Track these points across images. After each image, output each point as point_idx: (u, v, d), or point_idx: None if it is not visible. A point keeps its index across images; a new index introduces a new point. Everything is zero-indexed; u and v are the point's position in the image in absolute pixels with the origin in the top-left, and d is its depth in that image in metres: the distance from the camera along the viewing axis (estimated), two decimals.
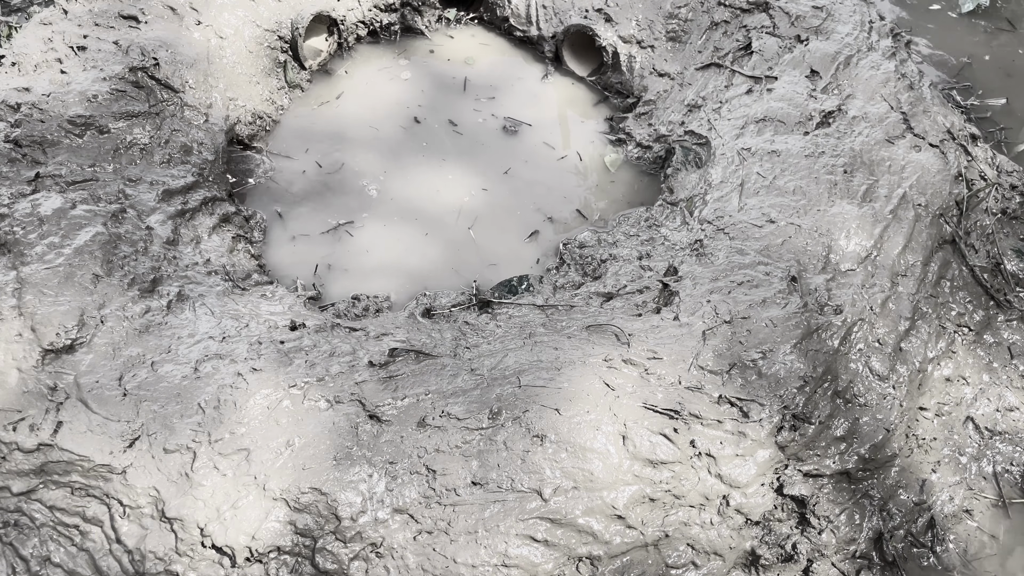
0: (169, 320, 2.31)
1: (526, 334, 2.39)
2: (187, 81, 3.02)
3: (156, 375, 2.15)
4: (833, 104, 2.96)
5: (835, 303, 2.41)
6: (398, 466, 2.02)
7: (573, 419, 2.10)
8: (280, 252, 2.96)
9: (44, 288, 2.24)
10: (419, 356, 2.29)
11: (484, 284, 2.86)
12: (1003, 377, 2.63)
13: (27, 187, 2.49)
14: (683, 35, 3.50)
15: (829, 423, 2.28)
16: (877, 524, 2.31)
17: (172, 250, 2.56)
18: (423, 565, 1.94)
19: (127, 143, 2.76)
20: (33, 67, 2.83)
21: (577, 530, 2.01)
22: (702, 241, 2.64)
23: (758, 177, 2.78)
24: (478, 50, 3.75)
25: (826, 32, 3.25)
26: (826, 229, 2.57)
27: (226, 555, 1.94)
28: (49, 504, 2.00)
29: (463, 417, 2.10)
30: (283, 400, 2.12)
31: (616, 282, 2.63)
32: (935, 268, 2.64)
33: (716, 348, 2.28)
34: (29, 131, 2.61)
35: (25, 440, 2.01)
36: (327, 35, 3.59)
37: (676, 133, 3.21)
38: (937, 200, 2.73)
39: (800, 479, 2.23)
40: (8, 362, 2.11)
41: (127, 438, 2.03)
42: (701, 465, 2.12)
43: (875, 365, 2.38)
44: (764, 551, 2.18)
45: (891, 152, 2.80)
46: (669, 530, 2.09)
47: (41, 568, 1.97)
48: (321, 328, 2.39)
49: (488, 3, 3.80)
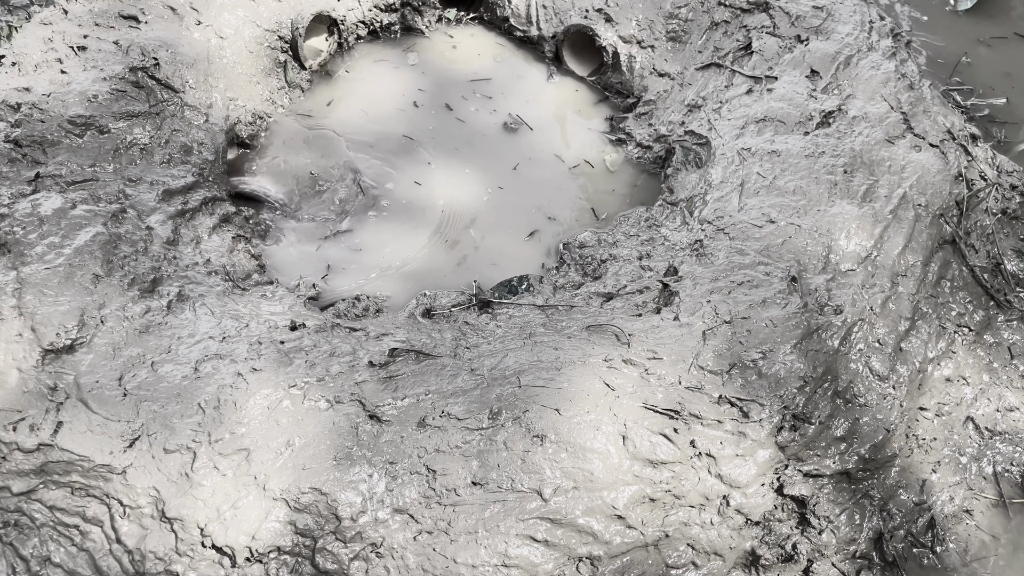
0: (169, 320, 2.31)
1: (526, 334, 2.39)
2: (187, 81, 3.02)
3: (156, 375, 2.15)
4: (833, 104, 2.96)
5: (835, 303, 2.41)
6: (398, 466, 2.02)
7: (573, 419, 2.10)
8: (280, 252, 2.96)
9: (44, 288, 2.24)
10: (419, 356, 2.29)
11: (484, 284, 2.86)
12: (1003, 377, 2.63)
13: (27, 187, 2.49)
14: (683, 35, 3.50)
15: (829, 423, 2.28)
16: (877, 524, 2.31)
17: (172, 250, 2.56)
18: (423, 565, 1.94)
19: (127, 143, 2.76)
20: (33, 67, 2.83)
21: (577, 530, 2.01)
22: (702, 241, 2.64)
23: (758, 177, 2.78)
24: (479, 50, 3.75)
25: (826, 32, 3.25)
26: (826, 229, 2.57)
27: (226, 555, 1.94)
28: (49, 504, 2.00)
29: (463, 417, 2.10)
30: (283, 400, 2.12)
31: (616, 282, 2.63)
32: (935, 268, 2.64)
33: (716, 348, 2.28)
34: (29, 131, 2.61)
35: (25, 440, 2.01)
36: (327, 35, 3.59)
37: (676, 133, 3.21)
38: (937, 200, 2.73)
39: (800, 479, 2.23)
40: (8, 362, 2.11)
41: (127, 438, 2.03)
42: (701, 465, 2.12)
43: (875, 365, 2.38)
44: (764, 551, 2.18)
45: (891, 152, 2.80)
46: (669, 530, 2.09)
47: (41, 568, 1.97)
48: (321, 328, 2.39)
49: (488, 3, 3.80)
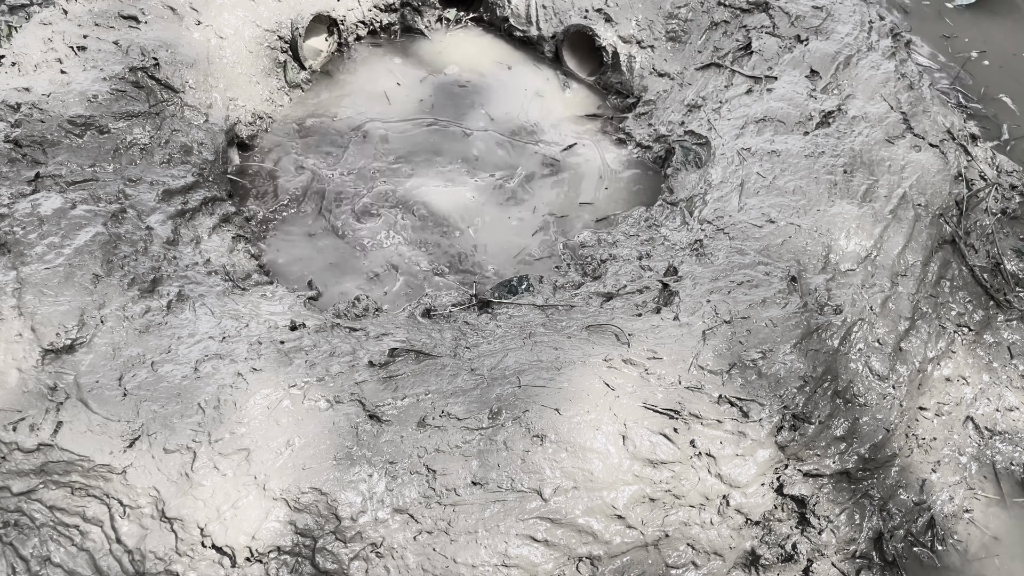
0: (169, 320, 2.31)
1: (526, 334, 2.39)
2: (187, 81, 3.03)
3: (156, 375, 2.15)
4: (833, 104, 2.96)
5: (835, 303, 2.41)
6: (398, 466, 2.02)
7: (573, 419, 2.10)
8: (280, 252, 2.96)
9: (44, 288, 2.24)
10: (419, 356, 2.29)
11: (484, 284, 2.86)
12: (1003, 377, 2.63)
13: (27, 187, 2.49)
14: (683, 35, 3.50)
15: (829, 423, 2.28)
16: (877, 524, 2.31)
17: (172, 250, 2.56)
18: (423, 565, 1.94)
19: (127, 143, 2.76)
20: (33, 67, 2.83)
21: (577, 530, 2.01)
22: (702, 241, 2.64)
23: (758, 177, 2.78)
24: (479, 50, 3.75)
25: (826, 32, 3.25)
26: (826, 229, 2.57)
27: (226, 555, 1.94)
28: (49, 504, 2.00)
29: (463, 417, 2.10)
30: (283, 400, 2.12)
31: (616, 282, 2.63)
32: (935, 268, 2.64)
33: (716, 348, 2.28)
34: (29, 131, 2.61)
35: (25, 440, 2.01)
36: (327, 35, 3.59)
37: (676, 133, 3.21)
38: (937, 200, 2.73)
39: (800, 479, 2.23)
40: (8, 362, 2.11)
41: (127, 438, 2.03)
42: (701, 465, 2.12)
43: (875, 365, 2.38)
44: (764, 551, 2.18)
45: (891, 152, 2.80)
46: (669, 530, 2.09)
47: (41, 568, 1.97)
48: (321, 328, 2.39)
49: (488, 3, 3.80)
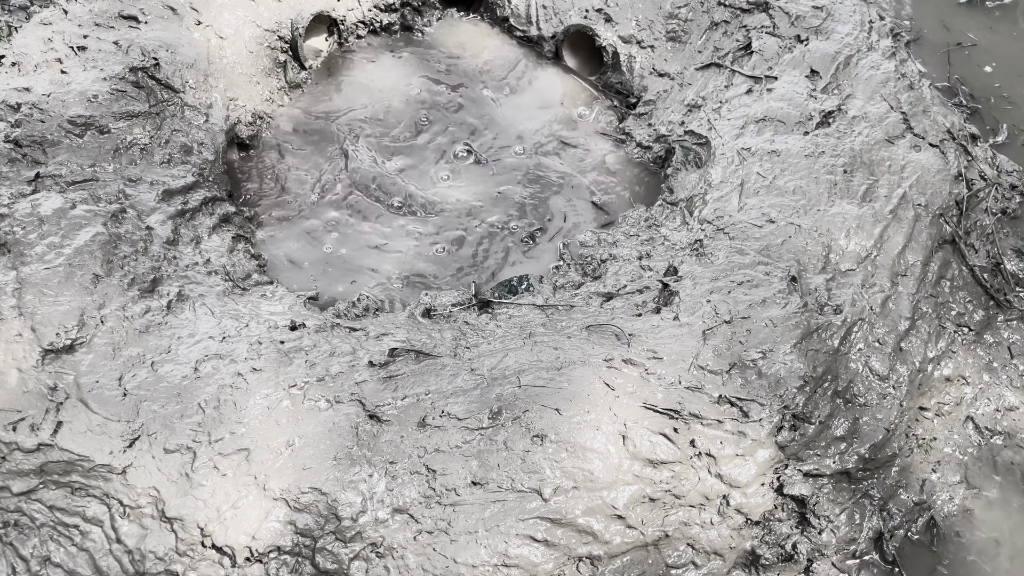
0: (169, 320, 2.31)
1: (526, 334, 2.39)
2: (187, 81, 3.02)
3: (156, 375, 2.15)
4: (833, 104, 2.96)
5: (835, 303, 2.41)
6: (398, 466, 2.02)
7: (573, 419, 2.10)
8: (280, 252, 2.96)
9: (44, 288, 2.24)
10: (419, 356, 2.29)
11: (484, 284, 2.86)
12: (1003, 377, 2.63)
13: (27, 187, 2.49)
14: (683, 35, 3.50)
15: (829, 423, 2.28)
16: (877, 524, 2.31)
17: (172, 250, 2.56)
18: (423, 565, 1.94)
19: (127, 143, 2.76)
20: (33, 67, 2.83)
21: (577, 530, 2.01)
22: (702, 241, 2.64)
23: (758, 177, 2.78)
24: (479, 49, 3.75)
25: (826, 32, 3.25)
26: (826, 229, 2.57)
27: (226, 555, 1.94)
28: (49, 504, 2.01)
29: (463, 417, 2.10)
30: (283, 400, 2.12)
31: (616, 282, 2.63)
32: (935, 268, 2.64)
33: (716, 348, 2.28)
34: (29, 131, 2.61)
35: (25, 440, 2.01)
36: (327, 35, 3.59)
37: (676, 133, 3.21)
38: (937, 200, 2.73)
39: (800, 479, 2.23)
40: (8, 362, 2.11)
41: (127, 438, 2.03)
42: (701, 465, 2.12)
43: (875, 365, 2.38)
44: (764, 551, 2.18)
45: (891, 152, 2.80)
46: (669, 530, 2.09)
47: (41, 568, 1.97)
48: (321, 328, 2.39)
49: (488, 3, 3.80)
